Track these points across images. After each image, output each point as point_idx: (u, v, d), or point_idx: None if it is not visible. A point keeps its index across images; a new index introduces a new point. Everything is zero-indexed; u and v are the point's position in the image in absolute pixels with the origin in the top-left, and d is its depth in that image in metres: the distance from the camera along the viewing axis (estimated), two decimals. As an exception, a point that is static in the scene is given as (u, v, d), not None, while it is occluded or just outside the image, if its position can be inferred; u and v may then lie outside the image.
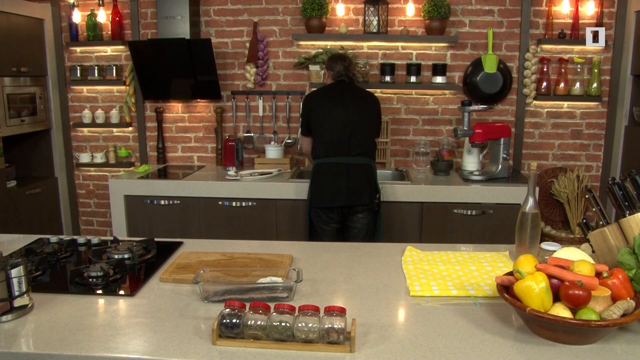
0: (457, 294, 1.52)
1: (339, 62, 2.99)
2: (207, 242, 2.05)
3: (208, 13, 3.73)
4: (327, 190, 2.88)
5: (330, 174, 2.88)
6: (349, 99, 2.93)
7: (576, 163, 3.70)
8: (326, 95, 2.96)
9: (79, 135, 4.03)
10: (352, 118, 2.88)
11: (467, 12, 3.59)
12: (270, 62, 3.76)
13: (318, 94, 2.98)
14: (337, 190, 2.86)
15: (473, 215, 3.12)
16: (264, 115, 3.83)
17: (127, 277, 1.68)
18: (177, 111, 3.90)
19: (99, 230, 4.16)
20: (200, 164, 3.93)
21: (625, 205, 1.53)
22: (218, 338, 1.22)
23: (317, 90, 3.02)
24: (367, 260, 1.84)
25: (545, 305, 1.22)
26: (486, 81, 3.54)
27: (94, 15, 3.72)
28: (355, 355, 1.18)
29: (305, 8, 3.48)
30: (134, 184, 3.31)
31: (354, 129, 2.89)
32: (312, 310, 1.24)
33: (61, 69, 3.90)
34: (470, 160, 3.40)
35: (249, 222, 3.26)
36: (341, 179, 2.86)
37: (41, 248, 1.85)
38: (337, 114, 2.88)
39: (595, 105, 3.62)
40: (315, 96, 2.98)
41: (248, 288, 1.48)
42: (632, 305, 1.23)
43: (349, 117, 2.88)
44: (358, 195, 2.87)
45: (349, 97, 2.94)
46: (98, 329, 1.31)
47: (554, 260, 1.37)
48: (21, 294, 1.37)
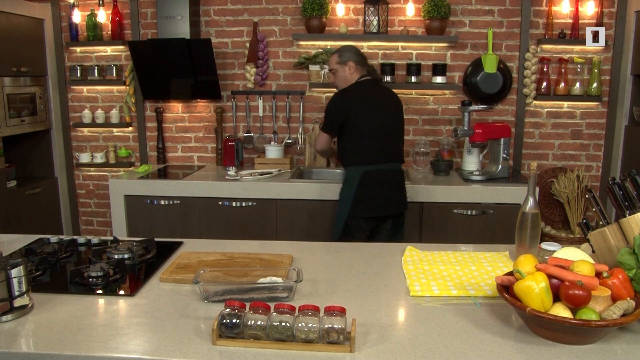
0: (457, 294, 1.52)
1: (365, 57, 2.87)
2: (207, 242, 2.05)
3: (208, 13, 3.73)
4: (376, 200, 2.75)
5: (378, 183, 2.75)
6: (385, 101, 2.83)
7: (576, 163, 3.70)
8: (363, 96, 2.78)
9: (79, 135, 4.03)
10: (390, 122, 2.80)
11: (467, 12, 3.58)
12: (270, 62, 3.76)
13: (354, 94, 2.79)
14: (386, 200, 2.77)
15: (473, 215, 3.12)
16: (264, 115, 3.83)
17: (127, 277, 1.68)
18: (177, 111, 3.90)
19: (99, 230, 4.16)
20: (200, 164, 3.93)
21: (625, 205, 1.53)
22: (218, 338, 1.22)
23: (350, 90, 2.81)
24: (367, 260, 1.84)
25: (545, 305, 1.22)
26: (486, 81, 3.54)
27: (94, 15, 3.72)
28: (355, 355, 1.18)
29: (305, 8, 3.48)
30: (134, 184, 3.31)
31: (392, 134, 2.82)
32: (312, 310, 1.24)
33: (61, 69, 3.90)
34: (470, 160, 3.40)
35: (249, 222, 3.26)
36: (390, 188, 2.79)
37: (41, 248, 1.85)
38: (378, 117, 2.75)
39: (595, 105, 3.62)
40: (351, 97, 2.78)
41: (248, 288, 1.48)
42: (632, 305, 1.23)
43: (388, 121, 2.79)
44: (403, 203, 2.85)
45: (384, 99, 2.84)
46: (98, 329, 1.31)
47: (554, 260, 1.37)
48: (21, 294, 1.37)
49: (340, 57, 2.83)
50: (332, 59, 2.88)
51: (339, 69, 2.85)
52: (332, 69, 2.88)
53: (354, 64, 2.82)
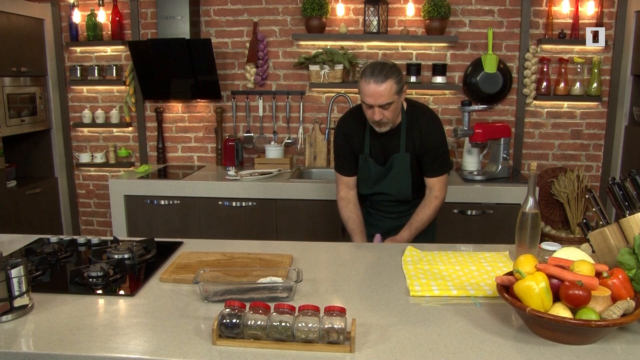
0: (457, 294, 1.52)
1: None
2: (207, 242, 2.05)
3: (208, 13, 3.73)
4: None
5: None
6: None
7: (576, 163, 3.70)
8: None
9: (79, 135, 4.03)
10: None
11: (467, 12, 3.58)
12: (270, 62, 3.76)
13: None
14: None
15: (473, 215, 3.12)
16: (264, 115, 3.82)
17: (127, 277, 1.68)
18: (177, 111, 3.90)
19: (99, 230, 4.16)
20: (200, 164, 3.93)
21: (625, 205, 1.53)
22: (218, 338, 1.22)
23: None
24: (367, 260, 1.84)
25: (545, 305, 1.22)
26: (486, 81, 3.54)
27: (94, 15, 3.72)
28: (355, 355, 1.18)
29: (305, 8, 3.47)
30: (134, 184, 3.31)
31: None
32: (312, 310, 1.24)
33: (61, 69, 3.90)
34: (470, 160, 3.40)
35: (249, 222, 3.26)
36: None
37: (41, 248, 1.85)
38: None
39: (595, 105, 3.62)
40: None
41: (248, 288, 1.48)
42: (632, 305, 1.23)
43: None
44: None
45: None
46: (98, 329, 1.31)
47: (554, 260, 1.37)
48: (21, 294, 1.37)
49: (398, 83, 2.03)
50: (387, 88, 1.99)
51: (397, 100, 2.06)
52: (390, 102, 2.03)
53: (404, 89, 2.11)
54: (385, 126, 2.12)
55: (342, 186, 2.33)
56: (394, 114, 2.09)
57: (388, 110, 2.05)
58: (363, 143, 2.25)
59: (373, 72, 2.00)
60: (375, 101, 2.02)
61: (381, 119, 2.07)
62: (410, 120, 2.19)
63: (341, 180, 2.33)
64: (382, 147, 2.23)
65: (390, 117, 2.08)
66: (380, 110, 2.04)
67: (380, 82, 1.99)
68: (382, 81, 1.99)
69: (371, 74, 2.00)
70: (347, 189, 2.32)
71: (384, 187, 2.26)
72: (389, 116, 2.07)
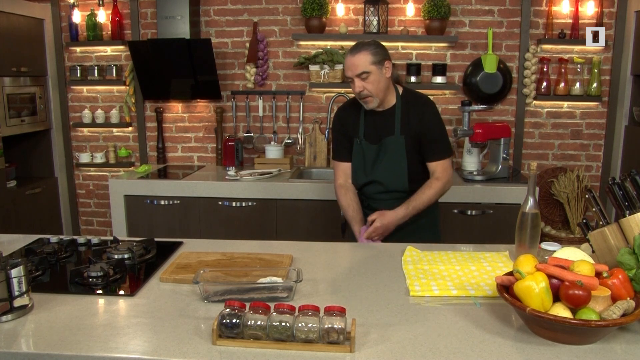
0: (457, 294, 1.52)
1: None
2: (207, 242, 2.05)
3: (208, 13, 3.73)
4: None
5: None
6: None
7: (576, 163, 3.70)
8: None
9: (79, 135, 4.03)
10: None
11: (467, 12, 3.58)
12: (270, 62, 3.76)
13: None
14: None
15: (473, 215, 3.12)
16: (264, 115, 3.82)
17: (127, 277, 1.68)
18: (177, 111, 3.90)
19: (99, 230, 4.16)
20: (200, 164, 3.93)
21: (625, 205, 1.53)
22: (218, 338, 1.22)
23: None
24: (367, 260, 1.84)
25: (545, 305, 1.22)
26: (486, 81, 3.54)
27: (94, 15, 3.72)
28: (355, 355, 1.18)
29: (305, 8, 3.48)
30: (134, 184, 3.31)
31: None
32: (312, 310, 1.24)
33: (61, 69, 3.90)
34: (470, 160, 3.40)
35: (249, 222, 3.26)
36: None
37: (41, 248, 1.85)
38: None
39: (595, 105, 3.62)
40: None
41: (248, 288, 1.48)
42: (632, 305, 1.23)
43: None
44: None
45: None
46: (98, 329, 1.31)
47: (554, 260, 1.37)
48: (21, 294, 1.37)
49: (374, 55, 2.09)
50: (360, 58, 2.08)
51: (375, 71, 2.10)
52: (366, 71, 2.08)
53: (389, 64, 2.14)
54: (371, 101, 2.14)
55: (339, 173, 2.35)
56: (376, 87, 2.11)
57: (367, 81, 2.09)
58: (358, 126, 2.27)
59: (351, 48, 2.14)
60: (353, 72, 2.09)
61: (361, 90, 2.10)
62: (406, 103, 2.20)
63: (339, 167, 2.35)
64: (377, 130, 2.23)
65: (372, 89, 2.10)
66: (361, 83, 2.09)
67: (355, 53, 2.09)
68: (356, 52, 2.09)
69: (349, 50, 2.13)
70: (345, 176, 2.34)
71: (379, 174, 2.23)
72: (370, 88, 2.10)
